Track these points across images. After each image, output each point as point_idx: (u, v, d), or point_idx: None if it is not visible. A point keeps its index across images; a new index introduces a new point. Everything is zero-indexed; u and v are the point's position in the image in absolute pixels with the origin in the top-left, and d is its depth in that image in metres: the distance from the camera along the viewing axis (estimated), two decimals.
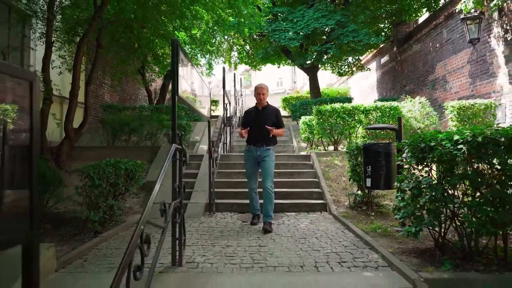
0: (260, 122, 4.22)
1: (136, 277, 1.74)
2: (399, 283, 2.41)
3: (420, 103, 7.41)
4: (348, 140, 7.45)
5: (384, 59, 13.87)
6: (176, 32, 8.22)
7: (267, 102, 4.43)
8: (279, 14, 11.29)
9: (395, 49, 12.67)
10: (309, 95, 14.03)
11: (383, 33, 13.16)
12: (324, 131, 7.27)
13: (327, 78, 22.09)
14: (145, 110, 10.22)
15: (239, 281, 2.51)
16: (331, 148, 7.65)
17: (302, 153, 7.69)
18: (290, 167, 6.58)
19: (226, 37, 13.73)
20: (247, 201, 4.65)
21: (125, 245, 3.42)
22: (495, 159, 2.36)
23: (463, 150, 2.37)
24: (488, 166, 2.42)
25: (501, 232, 2.54)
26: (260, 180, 4.29)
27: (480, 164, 2.45)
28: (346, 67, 13.10)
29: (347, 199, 5.11)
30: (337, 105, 7.25)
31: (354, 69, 13.10)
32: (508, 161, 2.37)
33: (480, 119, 6.92)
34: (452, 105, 6.86)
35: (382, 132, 7.16)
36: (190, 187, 5.72)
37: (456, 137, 2.40)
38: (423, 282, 2.34)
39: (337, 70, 13.22)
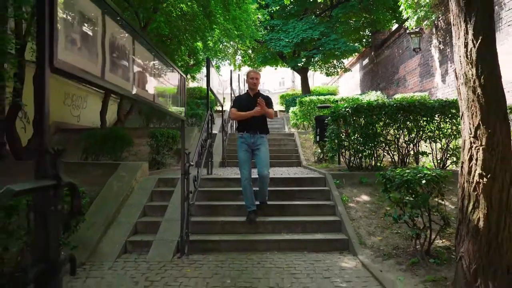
0: (254, 108, 4.07)
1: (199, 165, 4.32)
2: (319, 175, 5.01)
3: (376, 96, 9.94)
4: None
5: (365, 61, 16.41)
6: (195, 42, 10.84)
7: (258, 90, 4.37)
8: (275, 26, 13.90)
9: (372, 53, 15.20)
10: None
11: (364, 40, 15.75)
12: (305, 116, 9.86)
13: (322, 78, 24.67)
14: None
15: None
16: (310, 129, 10.23)
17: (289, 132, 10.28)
18: (279, 141, 9.17)
19: (231, 42, 16.38)
20: None
21: (177, 174, 6.05)
22: (363, 116, 4.94)
23: (349, 112, 4.95)
24: (361, 119, 4.99)
25: (370, 153, 5.12)
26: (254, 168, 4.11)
27: (358, 119, 5.02)
28: (332, 68, 15.67)
29: (314, 158, 7.68)
30: (314, 97, 9.84)
31: (338, 70, 15.66)
32: (372, 117, 4.95)
33: None
34: (396, 97, 9.38)
35: None
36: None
37: (345, 105, 4.97)
38: (329, 174, 4.92)
39: (325, 71, 15.79)
